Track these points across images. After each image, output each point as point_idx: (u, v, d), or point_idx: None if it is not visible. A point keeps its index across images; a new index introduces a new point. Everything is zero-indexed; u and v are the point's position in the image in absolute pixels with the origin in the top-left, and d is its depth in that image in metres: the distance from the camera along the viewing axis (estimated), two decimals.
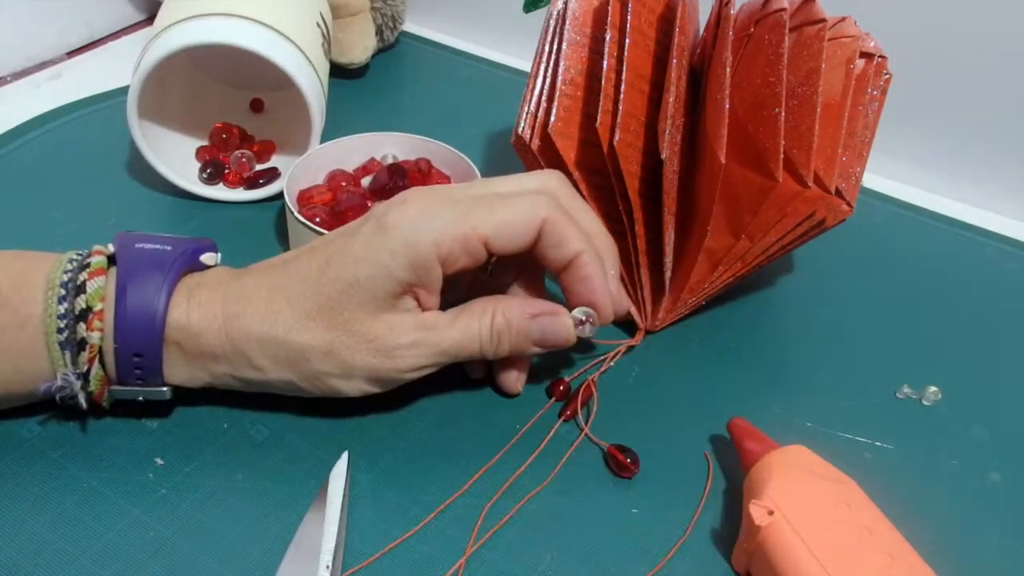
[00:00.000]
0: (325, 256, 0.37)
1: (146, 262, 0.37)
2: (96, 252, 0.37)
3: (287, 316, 0.36)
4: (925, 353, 0.46)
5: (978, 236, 0.56)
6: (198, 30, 0.49)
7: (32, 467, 0.37)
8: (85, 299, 0.35)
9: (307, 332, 0.36)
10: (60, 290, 0.35)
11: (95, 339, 0.35)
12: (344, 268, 0.36)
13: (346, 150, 0.53)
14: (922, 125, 0.60)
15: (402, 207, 0.36)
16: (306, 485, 0.37)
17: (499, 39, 0.73)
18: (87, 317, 0.35)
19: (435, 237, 0.35)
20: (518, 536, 0.36)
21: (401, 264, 0.35)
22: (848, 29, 0.47)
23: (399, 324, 0.36)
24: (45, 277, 0.36)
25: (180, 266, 0.37)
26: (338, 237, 0.38)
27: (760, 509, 0.33)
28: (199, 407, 0.40)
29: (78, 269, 0.36)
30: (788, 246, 0.43)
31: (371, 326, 0.36)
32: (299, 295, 0.36)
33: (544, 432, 0.40)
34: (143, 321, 0.36)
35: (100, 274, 0.36)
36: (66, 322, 0.35)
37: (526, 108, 0.46)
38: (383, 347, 0.36)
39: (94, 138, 0.58)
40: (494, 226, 0.36)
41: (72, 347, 0.35)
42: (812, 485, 0.34)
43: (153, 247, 0.37)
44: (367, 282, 0.35)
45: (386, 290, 0.36)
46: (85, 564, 0.34)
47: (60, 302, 0.35)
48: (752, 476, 0.36)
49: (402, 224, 0.35)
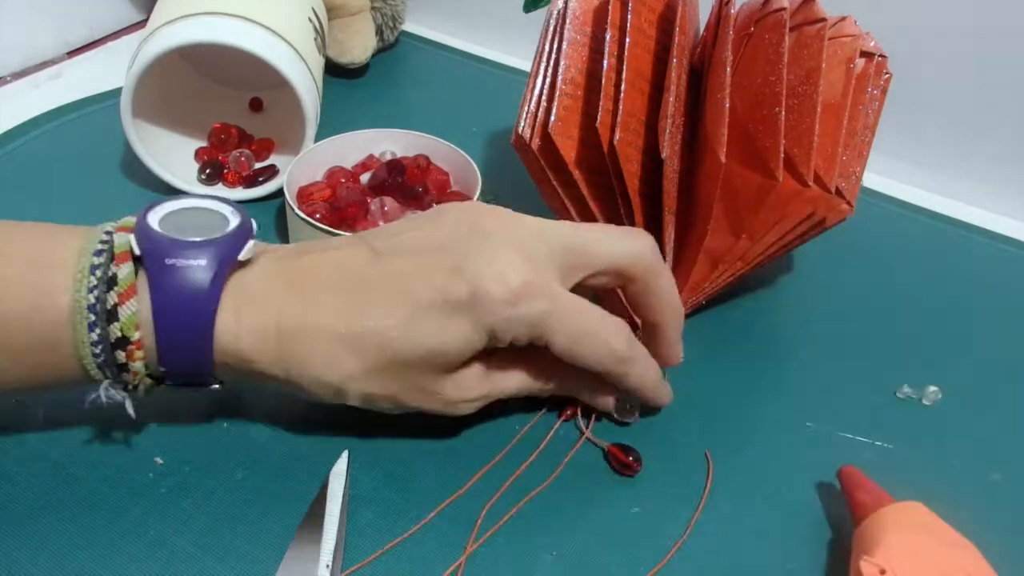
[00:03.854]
0: (407, 310, 0.34)
1: (180, 287, 0.32)
2: (120, 258, 0.33)
3: (352, 367, 0.34)
4: (925, 353, 0.46)
5: (978, 236, 0.56)
6: (188, 30, 0.49)
7: (32, 467, 0.37)
8: (120, 327, 0.32)
9: (372, 384, 0.35)
10: (89, 315, 0.32)
11: (138, 368, 0.33)
12: (428, 332, 0.34)
13: (345, 147, 0.53)
14: (922, 125, 0.60)
15: (503, 286, 0.33)
16: (306, 485, 0.37)
17: (499, 39, 0.73)
18: (125, 346, 0.32)
19: (527, 333, 0.34)
20: (518, 536, 0.36)
21: (483, 338, 0.34)
22: (848, 28, 0.47)
23: (464, 381, 0.36)
24: (69, 296, 0.32)
25: (220, 282, 0.33)
26: (417, 280, 0.34)
27: (872, 567, 0.32)
28: (199, 407, 0.40)
29: (104, 282, 0.32)
30: (788, 245, 0.43)
31: (438, 384, 0.36)
32: (371, 349, 0.34)
33: (544, 432, 0.40)
34: (189, 353, 0.33)
35: (131, 295, 0.32)
36: (102, 347, 0.32)
37: (526, 108, 0.46)
38: (447, 400, 0.36)
39: (94, 138, 0.58)
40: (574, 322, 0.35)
41: (113, 369, 0.33)
42: (929, 548, 0.33)
43: (185, 264, 0.32)
44: (448, 352, 0.34)
45: (463, 357, 0.35)
46: (85, 564, 0.34)
47: (91, 329, 0.32)
48: (863, 530, 0.34)
49: (501, 313, 0.33)
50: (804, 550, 0.36)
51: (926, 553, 0.32)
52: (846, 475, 0.37)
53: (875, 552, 0.32)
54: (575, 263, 0.36)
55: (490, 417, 0.41)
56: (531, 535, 0.36)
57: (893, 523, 0.34)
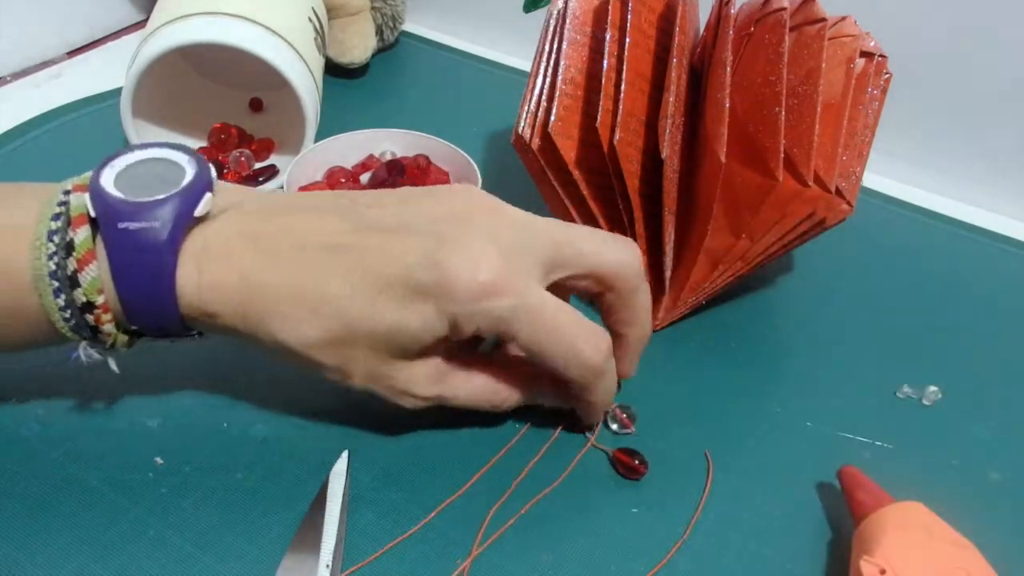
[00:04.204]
0: (372, 279, 0.33)
1: (135, 249, 0.32)
2: (76, 222, 0.32)
3: (308, 333, 0.34)
4: (925, 353, 0.46)
5: (978, 236, 0.56)
6: (188, 30, 0.49)
7: (32, 467, 0.37)
8: (83, 292, 0.32)
9: (325, 353, 0.34)
10: (52, 282, 0.32)
11: (109, 329, 0.33)
12: (390, 309, 0.33)
13: (344, 147, 0.53)
14: (922, 124, 0.60)
15: (472, 274, 0.33)
16: (306, 485, 0.37)
17: (499, 39, 0.73)
18: (92, 310, 0.33)
19: (491, 326, 0.34)
20: (518, 536, 0.36)
21: (444, 326, 0.34)
22: (848, 28, 0.47)
23: (415, 375, 0.36)
24: (27, 263, 0.32)
25: (176, 241, 0.32)
26: (385, 250, 0.34)
27: (872, 567, 0.32)
28: (199, 407, 0.40)
29: (63, 251, 0.32)
30: (788, 245, 0.43)
31: (390, 368, 0.35)
32: (330, 317, 0.33)
33: (545, 434, 0.40)
34: (154, 312, 0.33)
35: (90, 260, 0.32)
36: (71, 312, 0.33)
37: (526, 108, 0.46)
38: (394, 388, 0.36)
39: (94, 138, 0.58)
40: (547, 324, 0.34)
41: (86, 330, 0.34)
42: (929, 547, 0.33)
43: (138, 227, 0.32)
44: (406, 333, 0.34)
45: (421, 342, 0.34)
46: (85, 563, 0.34)
47: (56, 295, 0.32)
48: (863, 530, 0.34)
49: (467, 299, 0.33)
50: (804, 550, 0.36)
51: (926, 553, 0.32)
52: (846, 475, 0.37)
53: (875, 552, 0.32)
54: (558, 260, 0.35)
55: (492, 417, 0.41)
56: (531, 535, 0.36)
57: (893, 523, 0.34)
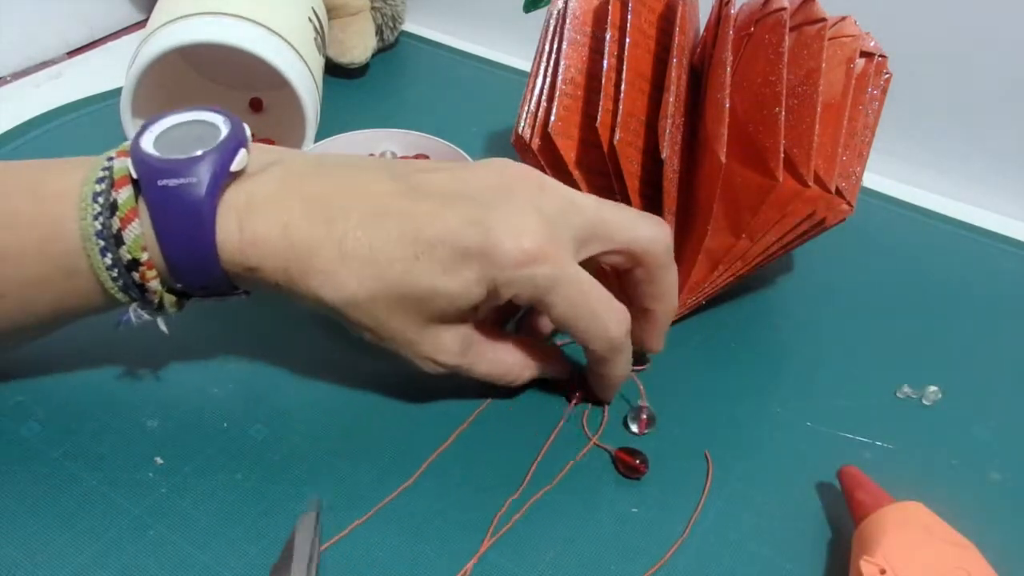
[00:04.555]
0: (416, 245, 0.34)
1: (176, 205, 0.33)
2: (120, 182, 0.33)
3: (349, 290, 0.34)
4: (925, 353, 0.46)
5: (978, 236, 0.56)
6: (188, 30, 0.49)
7: (32, 467, 0.37)
8: (128, 250, 0.33)
9: (362, 312, 0.35)
10: (98, 241, 0.33)
11: (155, 287, 0.34)
12: (431, 271, 0.34)
13: (344, 147, 0.53)
14: (922, 124, 0.60)
15: (516, 242, 0.34)
16: (306, 485, 0.37)
17: (499, 39, 0.73)
18: (137, 268, 0.33)
19: (530, 295, 0.35)
20: (519, 534, 0.36)
21: (483, 291, 0.35)
22: (848, 28, 0.47)
23: (444, 342, 0.37)
24: (76, 225, 0.33)
25: (214, 196, 0.33)
26: (435, 220, 0.34)
27: (872, 567, 0.32)
28: (199, 407, 0.40)
29: (108, 208, 0.33)
30: (788, 245, 0.43)
31: (420, 334, 0.36)
32: (371, 276, 0.34)
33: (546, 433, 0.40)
34: (197, 268, 0.34)
35: (133, 217, 0.33)
36: (118, 271, 0.34)
37: (526, 108, 0.46)
38: (420, 353, 0.37)
39: (94, 138, 0.58)
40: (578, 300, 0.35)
41: (134, 289, 0.34)
42: (929, 547, 0.33)
43: (177, 183, 0.33)
44: (445, 297, 0.35)
45: (457, 306, 0.35)
46: (85, 564, 0.34)
47: (103, 254, 0.33)
48: (863, 530, 0.34)
49: (507, 265, 0.34)
50: (804, 550, 0.36)
51: (926, 553, 0.32)
52: (846, 475, 0.37)
53: (875, 552, 0.32)
54: (593, 236, 0.36)
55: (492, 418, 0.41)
56: (531, 534, 0.36)
57: (893, 523, 0.34)
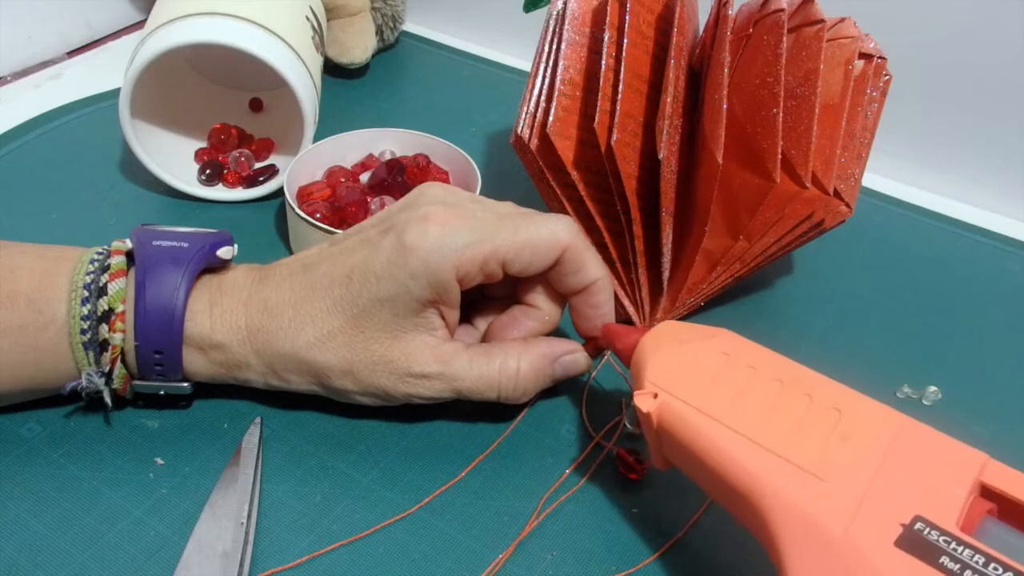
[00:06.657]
0: (346, 270, 0.37)
1: (163, 260, 0.37)
2: (116, 251, 0.38)
3: (309, 334, 0.37)
4: (925, 353, 0.46)
5: (978, 236, 0.56)
6: (187, 30, 0.49)
7: (32, 467, 0.37)
8: (107, 301, 0.36)
9: (328, 352, 0.37)
10: (83, 291, 0.36)
11: (117, 340, 0.36)
12: (365, 287, 0.36)
13: (344, 146, 0.53)
14: (922, 125, 0.60)
15: (423, 226, 0.36)
16: (306, 486, 0.37)
17: (499, 39, 0.73)
18: (109, 319, 0.36)
19: (455, 260, 0.36)
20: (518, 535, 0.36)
21: (421, 285, 0.36)
22: (847, 30, 0.47)
23: (417, 351, 0.37)
24: (68, 279, 0.36)
25: (197, 263, 0.37)
26: (358, 247, 0.37)
27: (644, 397, 0.32)
28: (199, 407, 0.40)
29: (99, 270, 0.37)
30: (787, 247, 0.43)
31: (389, 348, 0.37)
32: (322, 312, 0.37)
33: (547, 432, 0.40)
34: (162, 319, 0.36)
35: (121, 275, 0.37)
36: (89, 323, 0.36)
37: (525, 108, 0.46)
38: (398, 371, 0.37)
39: (94, 138, 0.58)
40: (516, 247, 0.36)
41: (95, 348, 0.36)
42: (687, 353, 0.34)
43: (170, 244, 0.38)
44: (388, 302, 0.36)
45: (407, 308, 0.36)
46: (85, 564, 0.34)
47: (83, 303, 0.36)
48: (631, 373, 0.35)
49: (422, 246, 0.35)
50: None
51: (685, 359, 0.33)
52: (605, 332, 0.38)
53: (642, 383, 0.33)
54: (495, 239, 0.37)
55: (493, 416, 0.41)
56: (532, 534, 0.36)
57: (649, 350, 0.35)
